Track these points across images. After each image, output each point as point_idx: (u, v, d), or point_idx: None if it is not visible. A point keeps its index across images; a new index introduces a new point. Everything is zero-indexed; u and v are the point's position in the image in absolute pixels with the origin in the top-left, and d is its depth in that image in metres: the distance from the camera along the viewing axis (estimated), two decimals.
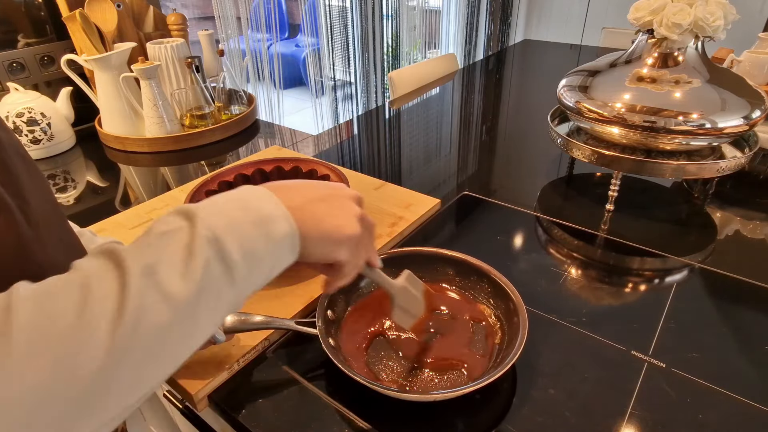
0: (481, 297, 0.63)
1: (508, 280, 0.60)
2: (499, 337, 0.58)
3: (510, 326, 0.57)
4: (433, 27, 3.11)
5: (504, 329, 0.58)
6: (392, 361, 0.56)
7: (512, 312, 0.57)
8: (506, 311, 0.58)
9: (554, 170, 1.03)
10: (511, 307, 0.57)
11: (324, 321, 0.56)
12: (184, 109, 1.19)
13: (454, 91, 1.59)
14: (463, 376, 0.54)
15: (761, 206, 0.88)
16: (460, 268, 0.65)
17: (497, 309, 0.60)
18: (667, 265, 0.73)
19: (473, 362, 0.55)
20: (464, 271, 0.65)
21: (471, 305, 0.63)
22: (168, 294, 0.28)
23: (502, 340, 0.57)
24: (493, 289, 0.61)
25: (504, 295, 0.59)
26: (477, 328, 0.59)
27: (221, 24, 1.91)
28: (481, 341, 0.58)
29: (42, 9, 1.16)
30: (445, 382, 0.53)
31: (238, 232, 0.32)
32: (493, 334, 0.59)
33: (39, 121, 1.09)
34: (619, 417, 0.50)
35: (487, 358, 0.56)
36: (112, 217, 0.85)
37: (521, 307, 0.56)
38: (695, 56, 0.79)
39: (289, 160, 0.82)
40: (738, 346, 0.59)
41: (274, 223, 0.34)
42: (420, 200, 0.87)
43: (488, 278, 0.62)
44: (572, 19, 3.12)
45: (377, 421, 0.50)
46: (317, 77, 2.60)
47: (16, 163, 0.35)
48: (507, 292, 0.59)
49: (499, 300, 0.60)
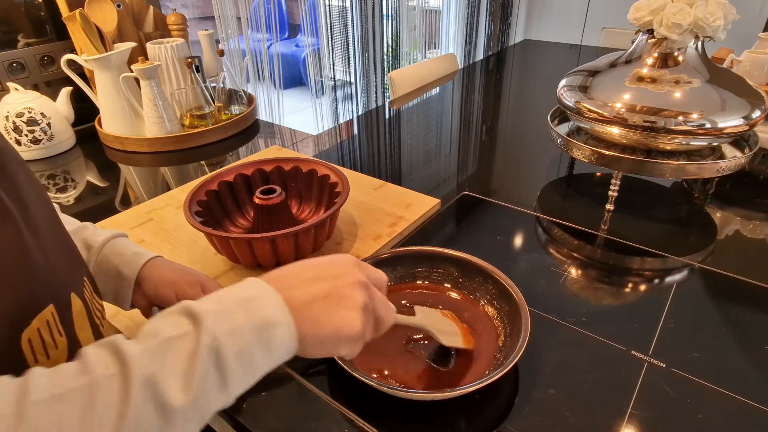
0: (485, 299, 0.63)
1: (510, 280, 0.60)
2: (501, 339, 0.58)
3: (513, 327, 0.57)
4: (433, 27, 3.11)
5: (507, 330, 0.58)
6: (397, 356, 0.56)
7: (515, 313, 0.57)
8: (510, 313, 0.58)
9: (554, 170, 1.03)
10: (514, 308, 0.57)
11: None
12: (184, 109, 1.19)
13: (454, 91, 1.59)
14: (466, 374, 0.54)
15: (761, 206, 0.88)
16: (464, 268, 0.65)
17: (501, 311, 0.60)
18: (667, 265, 0.73)
19: (478, 357, 0.56)
20: (468, 271, 0.65)
21: (475, 308, 0.63)
22: (166, 406, 0.29)
23: (504, 341, 0.57)
24: (497, 290, 0.61)
25: (508, 296, 0.59)
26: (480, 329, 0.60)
27: (221, 24, 1.91)
28: (485, 342, 0.58)
29: (42, 9, 1.16)
30: (446, 379, 0.53)
31: (239, 339, 0.32)
32: (497, 336, 0.59)
33: (39, 121, 1.09)
34: (619, 417, 0.50)
35: (491, 358, 0.56)
36: (112, 216, 0.85)
37: (524, 308, 0.56)
38: (695, 56, 0.79)
39: (289, 160, 0.82)
40: (738, 346, 0.59)
41: (275, 329, 0.34)
42: (420, 200, 0.88)
43: (493, 279, 0.62)
44: (572, 19, 3.12)
45: (377, 420, 0.50)
46: (317, 77, 2.60)
47: (16, 169, 0.35)
48: (511, 293, 0.59)
49: (503, 302, 0.60)
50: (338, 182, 0.76)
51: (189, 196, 0.72)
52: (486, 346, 0.57)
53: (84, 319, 0.39)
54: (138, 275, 0.54)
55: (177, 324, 0.32)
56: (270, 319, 0.34)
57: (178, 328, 0.31)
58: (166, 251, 0.76)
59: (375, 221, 0.81)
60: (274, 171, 0.81)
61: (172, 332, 0.31)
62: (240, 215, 0.81)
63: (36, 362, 0.33)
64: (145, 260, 0.55)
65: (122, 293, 0.53)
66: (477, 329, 0.59)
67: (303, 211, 0.83)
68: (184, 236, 0.79)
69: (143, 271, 0.54)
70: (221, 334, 0.31)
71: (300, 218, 0.81)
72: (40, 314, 0.33)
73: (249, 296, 0.35)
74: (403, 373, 0.54)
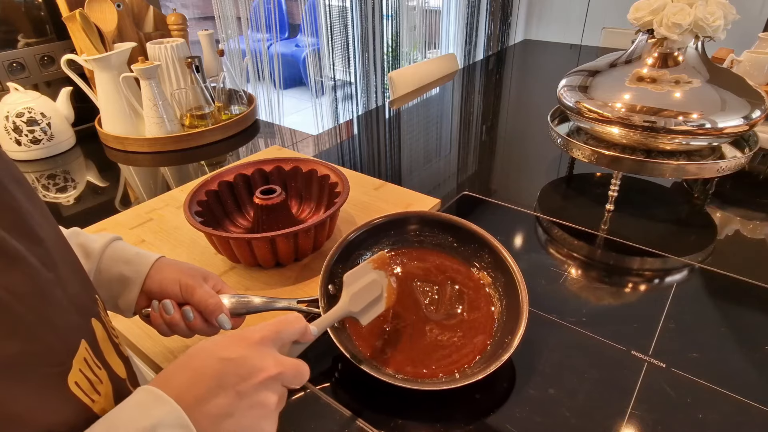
0: (480, 266, 0.65)
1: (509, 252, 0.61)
2: (497, 310, 0.59)
3: (509, 299, 0.58)
4: (433, 27, 3.11)
5: (503, 302, 0.60)
6: (396, 338, 0.57)
7: (511, 284, 0.58)
8: (505, 285, 0.60)
9: (554, 170, 1.03)
10: (509, 279, 0.59)
11: (326, 299, 0.56)
12: (184, 109, 1.19)
13: (454, 91, 1.59)
14: (463, 348, 0.56)
15: (761, 206, 0.88)
16: (460, 234, 0.67)
17: (497, 281, 0.62)
18: (667, 265, 0.73)
19: (475, 332, 0.57)
20: (464, 238, 0.66)
21: (467, 271, 0.65)
22: None
23: (500, 312, 0.59)
24: (493, 259, 0.63)
25: (504, 268, 0.61)
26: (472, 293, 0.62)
27: (221, 24, 1.91)
28: (478, 308, 0.60)
29: (42, 9, 1.16)
30: (443, 355, 0.55)
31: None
32: (492, 303, 0.60)
33: (39, 121, 1.09)
34: (619, 417, 0.50)
35: (488, 331, 0.57)
36: (112, 216, 0.85)
37: (521, 283, 0.57)
38: (695, 56, 0.79)
39: (289, 160, 0.82)
40: (738, 346, 0.59)
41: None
42: (420, 200, 0.87)
43: (489, 248, 0.63)
44: (572, 19, 3.12)
45: (378, 419, 0.50)
46: (317, 77, 2.60)
47: (14, 193, 0.30)
48: (507, 265, 0.60)
49: (499, 272, 0.62)
50: (338, 182, 0.76)
51: (189, 196, 0.72)
52: (483, 317, 0.59)
53: (107, 343, 0.36)
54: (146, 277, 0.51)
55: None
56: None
57: None
58: (166, 251, 0.76)
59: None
60: (274, 171, 0.81)
61: None
62: (240, 215, 0.81)
63: (93, 402, 0.31)
64: (151, 262, 0.51)
65: (127, 299, 0.50)
66: (471, 297, 0.61)
67: (303, 211, 0.83)
68: (184, 236, 0.79)
69: (150, 272, 0.51)
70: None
71: (300, 218, 0.81)
72: (77, 354, 0.30)
73: (150, 424, 0.30)
74: (393, 355, 0.56)
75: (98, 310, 0.37)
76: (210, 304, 0.49)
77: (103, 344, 0.35)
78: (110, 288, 0.50)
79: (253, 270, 0.71)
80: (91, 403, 0.31)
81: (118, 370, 0.36)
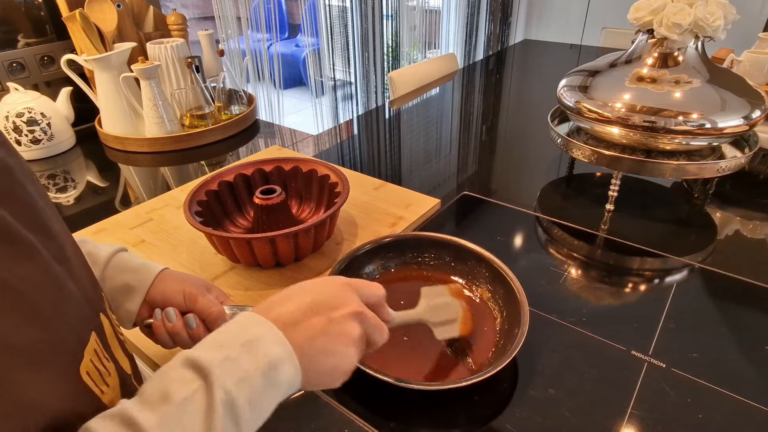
0: (478, 281, 0.65)
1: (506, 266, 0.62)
2: (499, 322, 0.60)
3: (509, 310, 0.58)
4: (433, 27, 3.11)
5: (503, 313, 0.60)
6: (394, 348, 0.56)
7: (512, 297, 0.59)
8: (505, 296, 0.60)
9: (554, 170, 1.03)
10: (508, 290, 0.59)
11: None
12: (184, 109, 1.19)
13: (454, 91, 1.59)
14: (467, 360, 0.56)
15: (761, 206, 0.88)
16: (459, 253, 0.67)
17: (495, 293, 0.62)
18: (667, 265, 0.73)
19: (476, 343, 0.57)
20: (462, 256, 0.67)
21: (470, 291, 0.65)
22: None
23: (501, 324, 0.59)
24: (490, 273, 0.64)
25: (502, 279, 0.61)
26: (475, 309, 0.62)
27: (221, 24, 1.91)
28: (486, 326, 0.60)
29: (42, 9, 1.16)
30: (447, 366, 0.55)
31: (250, 387, 0.32)
32: (493, 317, 0.61)
33: (39, 121, 1.09)
34: (619, 417, 0.50)
35: (492, 343, 0.57)
36: (112, 216, 0.85)
37: (521, 293, 0.58)
38: (695, 56, 0.79)
39: (289, 160, 0.82)
40: (738, 346, 0.59)
41: (281, 367, 0.34)
42: (420, 200, 0.87)
43: (486, 263, 0.64)
44: (572, 19, 3.12)
45: (377, 419, 0.50)
46: (317, 77, 2.59)
47: (29, 190, 0.31)
48: (504, 277, 0.61)
49: (498, 284, 0.62)
50: (338, 182, 0.76)
51: (189, 196, 0.72)
52: (486, 332, 0.59)
53: (114, 337, 0.37)
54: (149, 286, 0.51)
55: (186, 381, 0.31)
56: (275, 359, 0.34)
57: (187, 386, 0.31)
58: (166, 251, 0.76)
59: (375, 221, 0.81)
60: (274, 171, 0.81)
61: (183, 392, 0.30)
62: (240, 215, 0.81)
63: (102, 393, 0.32)
64: (155, 272, 0.52)
65: (129, 308, 0.50)
66: (474, 317, 0.61)
67: (303, 211, 0.83)
68: (184, 236, 0.79)
69: (154, 281, 0.51)
70: (232, 385, 0.31)
71: (300, 218, 0.81)
72: (87, 345, 0.32)
73: (251, 338, 0.34)
74: (402, 364, 0.55)
75: (104, 306, 0.38)
76: (213, 312, 0.49)
77: (110, 339, 0.36)
78: (113, 297, 0.50)
79: (253, 270, 0.71)
80: (101, 394, 0.32)
81: (124, 365, 0.37)
